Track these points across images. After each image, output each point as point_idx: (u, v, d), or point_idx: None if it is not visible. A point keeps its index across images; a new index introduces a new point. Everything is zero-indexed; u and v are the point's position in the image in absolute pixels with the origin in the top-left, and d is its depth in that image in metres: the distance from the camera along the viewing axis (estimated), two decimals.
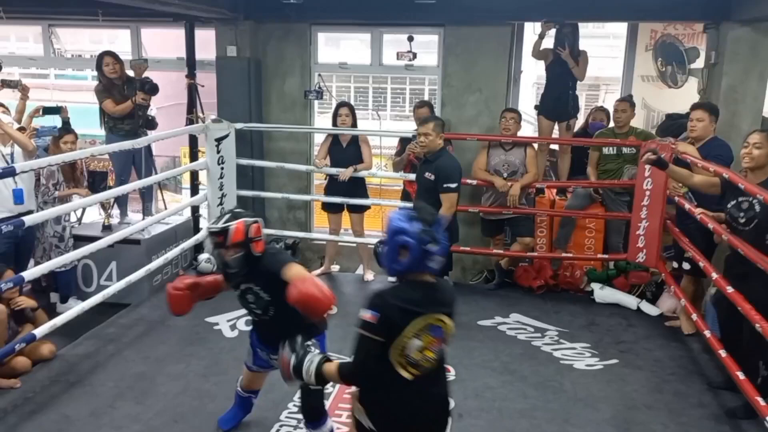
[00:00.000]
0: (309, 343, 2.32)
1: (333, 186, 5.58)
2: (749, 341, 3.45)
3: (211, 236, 2.74)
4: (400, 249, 2.06)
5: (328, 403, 3.59)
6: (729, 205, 3.68)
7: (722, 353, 3.69)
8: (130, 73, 5.52)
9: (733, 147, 4.46)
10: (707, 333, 4.00)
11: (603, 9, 5.45)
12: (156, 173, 5.75)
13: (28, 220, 3.79)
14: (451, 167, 4.33)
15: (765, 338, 3.15)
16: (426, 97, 8.85)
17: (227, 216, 2.75)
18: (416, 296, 2.09)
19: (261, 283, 2.77)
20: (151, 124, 5.62)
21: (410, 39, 5.81)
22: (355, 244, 5.79)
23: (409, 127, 6.33)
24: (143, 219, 5.38)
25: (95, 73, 5.62)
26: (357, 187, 5.52)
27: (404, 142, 5.52)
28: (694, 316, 4.25)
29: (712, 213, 4.00)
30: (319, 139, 6.05)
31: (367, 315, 2.04)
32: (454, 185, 4.26)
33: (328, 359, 2.22)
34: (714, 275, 3.88)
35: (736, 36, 5.14)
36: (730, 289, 3.57)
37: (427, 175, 4.25)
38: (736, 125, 5.15)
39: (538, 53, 5.55)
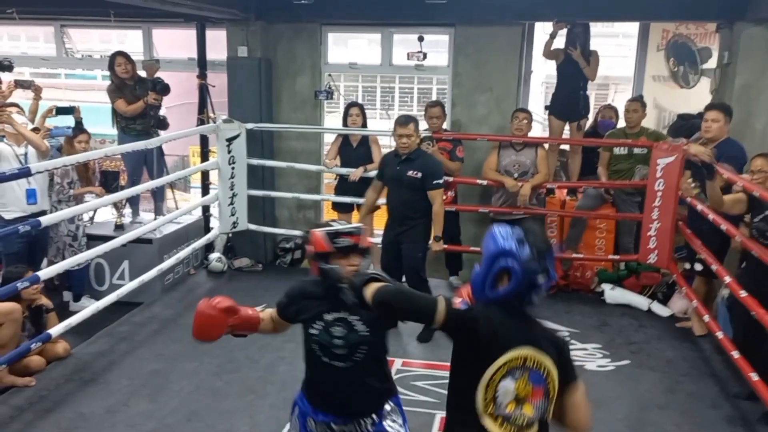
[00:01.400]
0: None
1: (343, 186, 5.59)
2: None
3: (340, 239, 2.11)
4: (501, 274, 1.72)
5: None
6: (756, 219, 3.58)
7: (735, 355, 3.67)
8: (142, 73, 5.56)
9: (746, 148, 4.44)
10: (719, 334, 3.98)
11: (615, 9, 5.42)
12: (167, 173, 5.78)
13: (45, 220, 3.83)
14: (436, 164, 4.47)
15: None
16: (434, 96, 8.84)
17: (334, 221, 2.23)
18: (515, 322, 1.74)
19: (360, 310, 2.10)
20: (163, 124, 5.64)
21: (420, 39, 5.81)
22: None
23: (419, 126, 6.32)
24: (155, 218, 5.41)
25: (105, 72, 5.65)
26: (367, 186, 5.51)
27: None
28: (706, 318, 4.23)
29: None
30: (328, 138, 6.06)
31: (458, 301, 1.80)
32: (441, 181, 4.38)
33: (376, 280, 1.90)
34: (727, 278, 3.85)
35: (751, 35, 5.10)
36: (743, 293, 3.54)
37: (411, 173, 4.31)
38: (750, 125, 5.12)
39: (549, 53, 5.54)
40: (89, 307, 4.26)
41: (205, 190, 6.28)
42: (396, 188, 4.45)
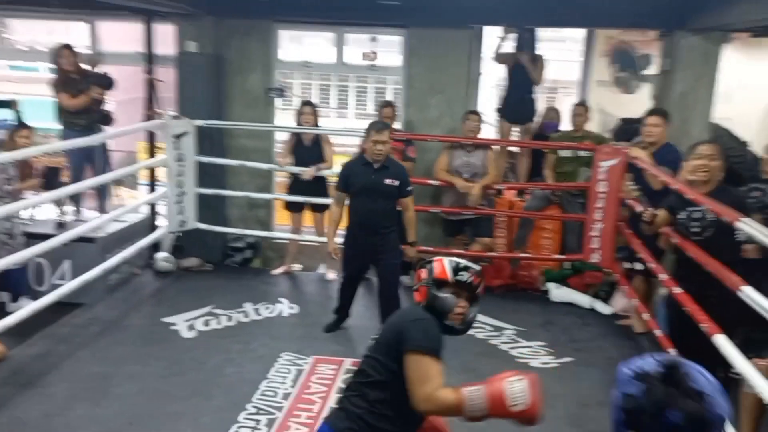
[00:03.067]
0: None
1: (296, 185, 5.56)
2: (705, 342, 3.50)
3: (463, 273, 2.28)
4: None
5: (287, 404, 3.60)
6: (680, 217, 3.68)
7: (671, 351, 3.81)
8: (88, 67, 5.39)
9: (683, 152, 4.63)
10: (657, 332, 4.13)
11: (562, 15, 5.57)
12: (111, 169, 5.63)
13: None
14: (406, 171, 4.46)
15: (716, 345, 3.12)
16: (389, 96, 8.89)
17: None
18: None
19: None
20: (107, 119, 5.49)
21: (373, 39, 5.84)
22: (317, 243, 5.78)
23: None
24: (99, 216, 5.26)
25: (48, 64, 5.46)
26: (319, 186, 5.51)
27: None
28: (646, 315, 4.39)
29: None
30: (281, 136, 6.02)
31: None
32: (412, 187, 4.42)
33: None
34: (663, 276, 4.01)
35: (689, 44, 5.33)
36: (677, 290, 3.68)
37: (388, 181, 4.23)
38: (686, 131, 5.34)
39: (499, 57, 5.64)
40: (27, 308, 4.10)
41: (152, 187, 6.15)
42: (370, 197, 4.23)
